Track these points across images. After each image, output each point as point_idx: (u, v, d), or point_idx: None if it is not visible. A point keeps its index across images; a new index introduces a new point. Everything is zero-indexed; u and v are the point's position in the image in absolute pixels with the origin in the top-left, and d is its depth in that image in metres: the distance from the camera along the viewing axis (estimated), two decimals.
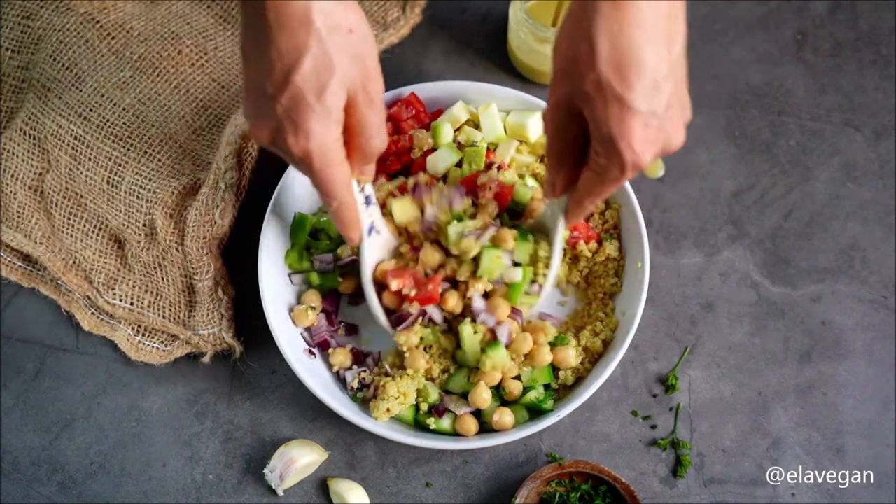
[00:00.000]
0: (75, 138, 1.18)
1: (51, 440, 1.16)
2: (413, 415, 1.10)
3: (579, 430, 1.15)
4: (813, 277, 1.20)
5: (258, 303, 1.11)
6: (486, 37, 1.30)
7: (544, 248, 1.06)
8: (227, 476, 1.14)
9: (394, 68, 1.27)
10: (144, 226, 1.16)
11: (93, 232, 1.18)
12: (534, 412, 1.09)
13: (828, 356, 1.17)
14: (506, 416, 1.08)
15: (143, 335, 1.17)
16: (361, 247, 1.04)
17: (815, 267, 1.21)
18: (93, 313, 1.18)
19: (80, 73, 1.20)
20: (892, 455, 1.14)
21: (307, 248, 1.16)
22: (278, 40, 0.81)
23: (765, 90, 1.28)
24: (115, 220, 1.17)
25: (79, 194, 1.19)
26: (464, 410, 1.09)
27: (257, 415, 1.16)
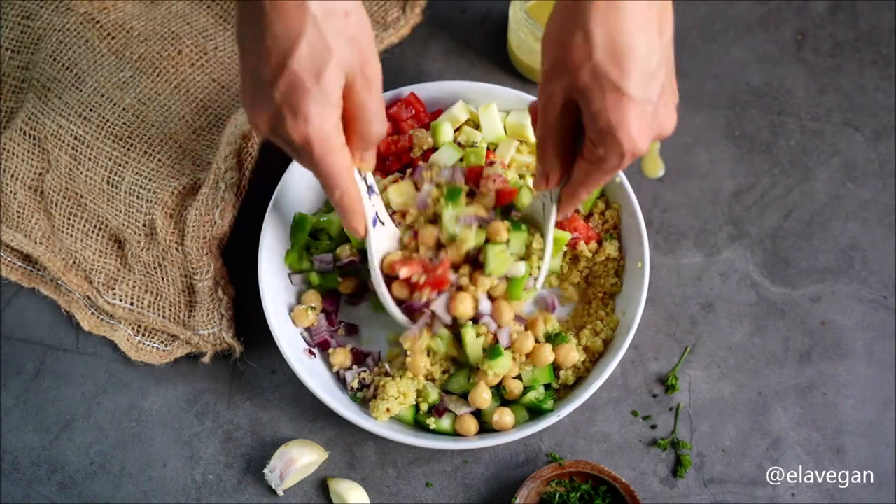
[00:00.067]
0: (75, 138, 1.18)
1: (51, 440, 1.16)
2: (413, 415, 1.10)
3: (579, 430, 1.15)
4: (813, 277, 1.20)
5: (258, 303, 1.11)
6: (486, 37, 1.30)
7: (538, 241, 1.05)
8: (227, 476, 1.14)
9: (394, 68, 1.27)
10: (144, 226, 1.16)
11: (93, 232, 1.18)
12: (534, 412, 1.09)
13: (828, 356, 1.17)
14: (506, 416, 1.08)
15: (143, 335, 1.17)
16: (368, 238, 1.02)
17: (815, 267, 1.21)
18: (93, 313, 1.18)
19: (80, 73, 1.20)
20: (892, 455, 1.14)
21: (307, 248, 1.16)
22: (274, 25, 0.80)
23: (765, 90, 1.28)
24: (115, 220, 1.17)
25: (79, 194, 1.19)
26: (464, 410, 1.09)
27: (257, 415, 1.16)
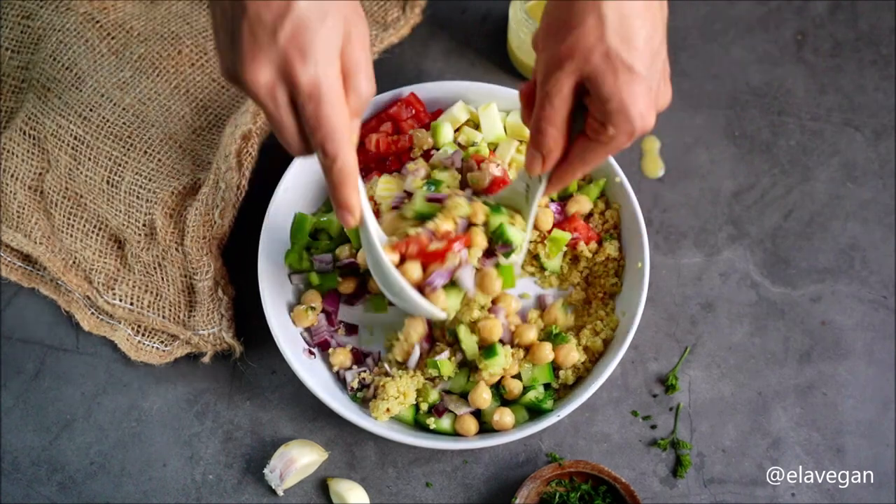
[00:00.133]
0: (75, 138, 1.18)
1: (51, 440, 1.16)
2: (413, 415, 1.10)
3: (579, 430, 1.15)
4: (813, 277, 1.20)
5: (258, 303, 1.11)
6: (486, 37, 1.30)
7: (519, 221, 1.04)
8: (227, 476, 1.14)
9: (394, 68, 1.27)
10: (144, 226, 1.16)
11: (93, 232, 1.18)
12: (534, 412, 1.09)
13: (828, 356, 1.17)
14: (506, 416, 1.08)
15: (143, 335, 1.17)
16: (365, 216, 0.94)
17: (815, 267, 1.21)
18: (93, 313, 1.18)
19: (80, 73, 1.20)
20: (892, 455, 1.14)
21: (307, 248, 1.16)
22: None
23: (765, 90, 1.28)
24: (115, 220, 1.17)
25: (79, 194, 1.19)
26: (464, 410, 1.09)
27: (257, 415, 1.16)
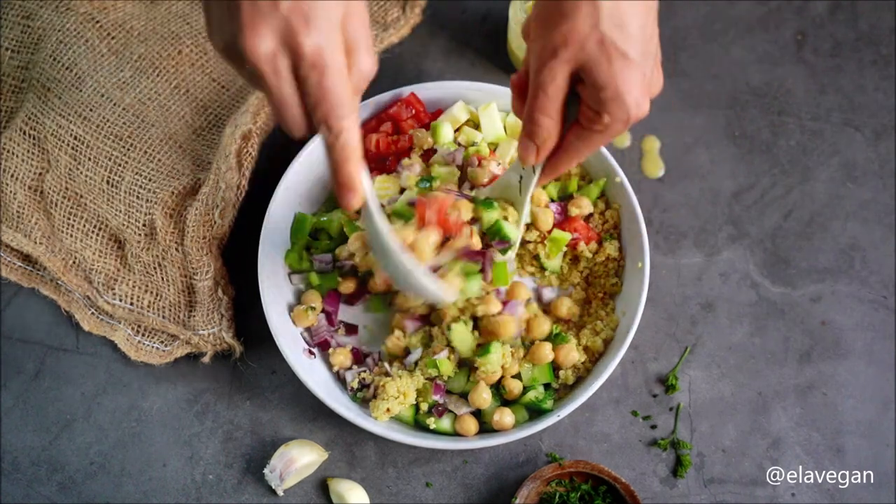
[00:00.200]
0: (75, 138, 1.18)
1: (51, 440, 1.16)
2: (413, 415, 1.10)
3: (579, 430, 1.15)
4: (813, 277, 1.20)
5: (258, 303, 1.11)
6: (486, 37, 1.30)
7: (512, 213, 1.04)
8: (227, 476, 1.14)
9: (394, 68, 1.27)
10: (144, 226, 1.16)
11: (93, 232, 1.18)
12: (534, 412, 1.09)
13: (828, 356, 1.17)
14: (506, 416, 1.08)
15: (143, 335, 1.17)
16: (368, 197, 0.91)
17: (815, 267, 1.21)
18: (93, 313, 1.18)
19: (80, 73, 1.20)
20: (892, 455, 1.14)
21: (307, 248, 1.16)
22: None
23: (765, 90, 1.28)
24: (115, 220, 1.17)
25: (79, 194, 1.19)
26: (464, 410, 1.09)
27: (257, 415, 1.16)
